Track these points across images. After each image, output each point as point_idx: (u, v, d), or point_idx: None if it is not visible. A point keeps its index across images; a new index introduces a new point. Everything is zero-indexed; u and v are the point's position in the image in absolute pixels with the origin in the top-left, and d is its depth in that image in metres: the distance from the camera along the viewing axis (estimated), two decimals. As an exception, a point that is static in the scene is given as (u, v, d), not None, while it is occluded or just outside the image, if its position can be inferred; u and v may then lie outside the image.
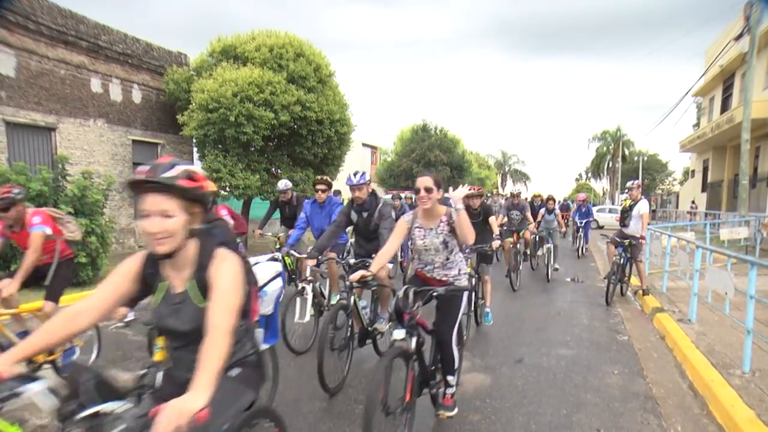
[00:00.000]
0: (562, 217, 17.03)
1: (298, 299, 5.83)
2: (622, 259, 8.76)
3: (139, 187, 1.89)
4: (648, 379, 5.16)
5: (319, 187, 6.68)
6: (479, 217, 7.33)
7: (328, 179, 6.78)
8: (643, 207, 8.61)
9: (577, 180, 75.31)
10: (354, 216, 5.72)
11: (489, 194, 19.09)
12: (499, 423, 4.10)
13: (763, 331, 5.36)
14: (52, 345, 1.97)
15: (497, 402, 4.50)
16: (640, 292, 8.84)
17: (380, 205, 5.64)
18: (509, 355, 5.90)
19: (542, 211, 12.40)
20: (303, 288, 5.84)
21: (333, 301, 6.49)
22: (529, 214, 10.93)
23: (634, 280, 9.47)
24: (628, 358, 5.87)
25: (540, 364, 5.59)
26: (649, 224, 9.40)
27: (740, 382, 4.69)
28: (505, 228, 10.49)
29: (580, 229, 16.11)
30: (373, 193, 5.75)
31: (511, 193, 13.53)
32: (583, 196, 16.81)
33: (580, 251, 15.94)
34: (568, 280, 11.21)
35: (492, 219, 7.45)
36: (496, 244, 7.04)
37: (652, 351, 6.13)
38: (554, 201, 12.72)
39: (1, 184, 8.57)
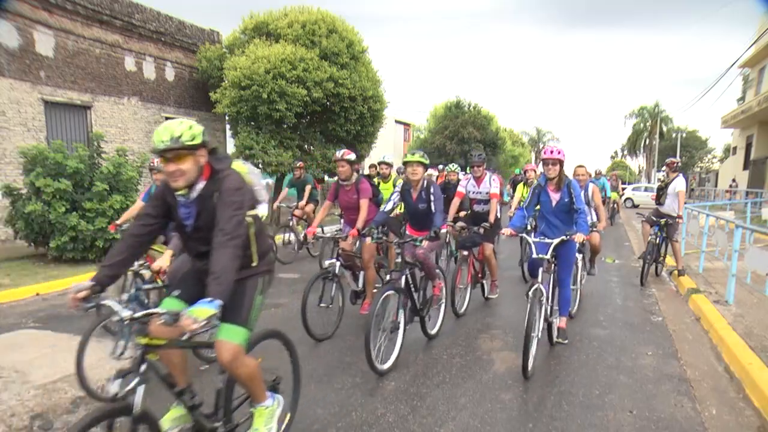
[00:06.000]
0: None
1: None
2: (657, 239, 8.57)
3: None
4: (682, 361, 5.08)
5: None
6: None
7: None
8: (679, 184, 8.38)
9: (612, 157, 73.77)
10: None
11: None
12: (531, 402, 4.10)
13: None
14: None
15: (529, 381, 4.50)
16: (676, 272, 8.64)
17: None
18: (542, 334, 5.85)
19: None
20: None
21: None
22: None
23: (670, 260, 9.27)
24: (663, 339, 5.79)
25: (572, 344, 5.54)
26: (685, 202, 9.14)
27: (779, 366, 4.57)
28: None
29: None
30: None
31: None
32: (554, 151, 5.08)
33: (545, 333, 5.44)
34: (602, 259, 11.03)
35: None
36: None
37: (687, 332, 6.03)
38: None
39: (40, 162, 8.93)
